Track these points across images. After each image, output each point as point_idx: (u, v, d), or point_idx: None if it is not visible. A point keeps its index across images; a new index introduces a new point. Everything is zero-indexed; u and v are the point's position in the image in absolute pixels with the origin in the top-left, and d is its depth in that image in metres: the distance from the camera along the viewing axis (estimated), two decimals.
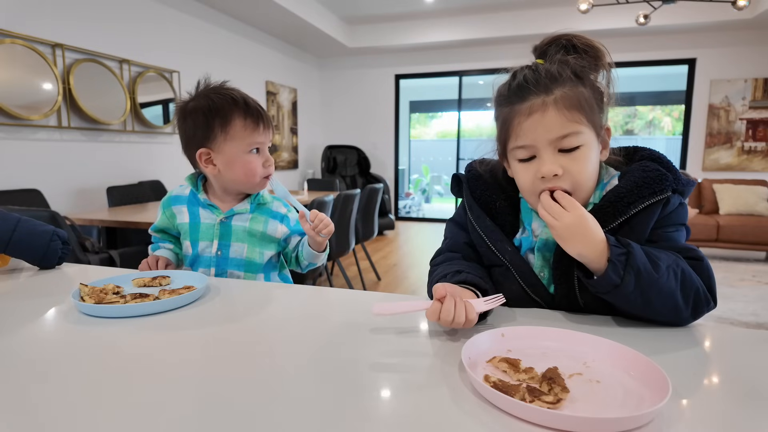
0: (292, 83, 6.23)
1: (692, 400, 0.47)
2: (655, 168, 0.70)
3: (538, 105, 0.69)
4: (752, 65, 5.34)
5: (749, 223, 4.39)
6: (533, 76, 0.70)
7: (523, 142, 0.71)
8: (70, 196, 3.24)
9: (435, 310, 0.63)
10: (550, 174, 0.69)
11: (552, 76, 0.69)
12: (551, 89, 0.68)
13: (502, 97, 0.74)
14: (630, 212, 0.69)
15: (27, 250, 1.00)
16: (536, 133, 0.69)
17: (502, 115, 0.74)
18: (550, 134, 0.68)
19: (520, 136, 0.71)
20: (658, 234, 0.71)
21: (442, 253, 0.87)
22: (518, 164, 0.74)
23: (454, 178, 0.89)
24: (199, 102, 1.04)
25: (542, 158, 0.70)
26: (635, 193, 0.69)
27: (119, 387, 0.51)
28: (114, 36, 3.50)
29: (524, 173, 0.73)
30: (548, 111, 0.68)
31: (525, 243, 0.79)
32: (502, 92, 0.74)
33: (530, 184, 0.72)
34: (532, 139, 0.70)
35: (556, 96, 0.68)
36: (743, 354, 0.59)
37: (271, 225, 1.12)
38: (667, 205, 0.71)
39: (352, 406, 0.46)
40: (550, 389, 0.48)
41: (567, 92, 0.68)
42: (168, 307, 0.76)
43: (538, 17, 5.46)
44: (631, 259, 0.62)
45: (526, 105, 0.69)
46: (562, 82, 0.69)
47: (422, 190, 10.01)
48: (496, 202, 0.81)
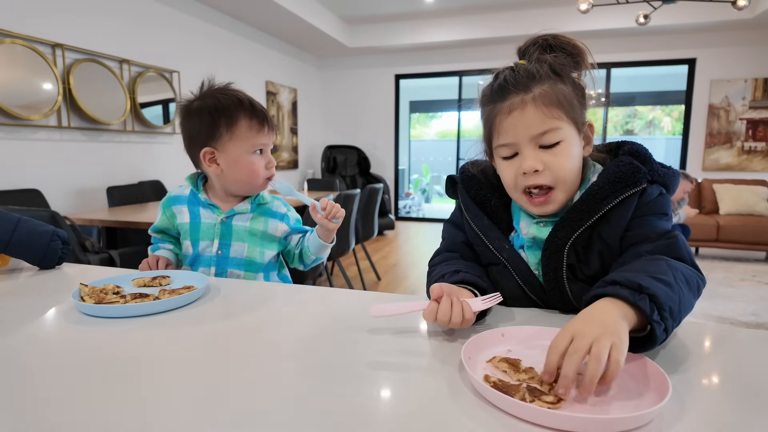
0: (292, 83, 6.23)
1: (692, 400, 0.47)
2: (628, 162, 0.71)
3: (518, 103, 0.70)
4: (752, 65, 5.33)
5: (749, 223, 4.39)
6: (512, 76, 0.72)
7: (505, 140, 0.72)
8: (70, 196, 3.24)
9: (432, 310, 0.63)
10: (531, 170, 0.70)
11: (530, 74, 0.71)
12: (530, 87, 0.70)
13: (485, 98, 0.76)
14: (603, 209, 0.70)
15: (27, 250, 1.00)
16: (517, 131, 0.71)
17: (485, 114, 0.76)
18: (530, 131, 0.70)
19: (502, 134, 0.72)
20: (637, 222, 0.71)
21: (440, 254, 0.87)
22: (502, 162, 0.75)
23: (448, 180, 0.90)
24: (205, 101, 1.04)
25: (523, 155, 0.71)
26: (607, 189, 0.70)
27: (119, 387, 0.51)
28: (114, 36, 3.49)
29: (508, 170, 0.74)
30: (527, 108, 0.70)
31: (516, 242, 0.80)
32: (485, 93, 0.76)
33: (513, 181, 0.74)
34: (514, 137, 0.71)
35: (534, 93, 0.70)
36: (743, 354, 0.59)
37: (271, 224, 1.12)
38: (644, 195, 0.71)
39: (352, 406, 0.46)
40: (551, 389, 0.48)
41: (545, 89, 0.70)
42: (168, 307, 0.76)
43: (538, 17, 5.46)
44: (662, 312, 0.54)
45: (507, 103, 0.71)
46: (540, 79, 0.70)
47: (422, 190, 10.02)
48: (490, 201, 0.83)
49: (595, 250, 0.72)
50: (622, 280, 0.56)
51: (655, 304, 0.53)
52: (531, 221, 0.78)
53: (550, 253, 0.73)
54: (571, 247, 0.72)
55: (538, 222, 0.77)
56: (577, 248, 0.72)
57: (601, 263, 0.72)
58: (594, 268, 0.73)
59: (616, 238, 0.71)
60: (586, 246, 0.73)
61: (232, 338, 0.65)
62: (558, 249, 0.73)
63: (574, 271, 0.73)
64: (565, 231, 0.72)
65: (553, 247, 0.73)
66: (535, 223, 0.77)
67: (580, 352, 0.47)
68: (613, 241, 0.71)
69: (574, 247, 0.72)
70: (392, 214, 6.74)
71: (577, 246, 0.72)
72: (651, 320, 0.52)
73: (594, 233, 0.72)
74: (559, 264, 0.73)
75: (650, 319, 0.52)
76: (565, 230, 0.72)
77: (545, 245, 0.74)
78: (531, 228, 0.77)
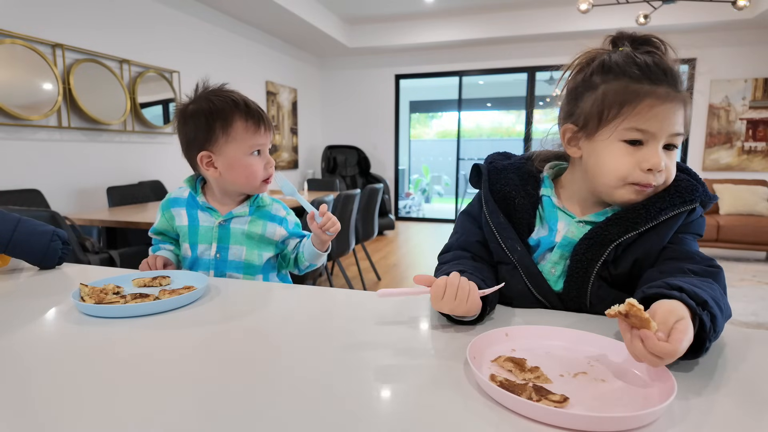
0: (292, 83, 6.23)
1: (695, 400, 0.47)
2: (686, 178, 0.73)
3: (674, 96, 0.68)
4: (752, 65, 5.34)
5: (749, 223, 4.39)
6: (665, 64, 0.69)
7: (647, 126, 0.67)
8: (70, 196, 3.24)
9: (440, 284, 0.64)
10: (659, 167, 0.68)
11: (678, 75, 0.69)
12: (680, 86, 0.69)
13: (617, 69, 0.69)
14: (661, 218, 0.70)
15: (27, 250, 0.99)
16: (664, 123, 0.67)
17: (618, 87, 0.69)
18: (673, 128, 0.68)
19: (647, 118, 0.67)
20: (678, 238, 0.72)
21: (451, 250, 0.86)
22: (621, 145, 0.69)
23: (474, 168, 0.88)
24: (199, 105, 1.03)
25: (653, 149, 0.68)
26: (667, 200, 0.71)
27: (119, 387, 0.50)
28: (114, 36, 3.49)
29: (624, 158, 0.69)
30: (680, 106, 0.68)
31: (544, 242, 0.78)
32: (616, 62, 0.69)
33: (627, 171, 0.69)
34: (658, 127, 0.67)
35: (686, 95, 0.69)
36: (743, 354, 0.59)
37: (269, 228, 1.11)
38: (692, 214, 0.73)
39: (355, 407, 0.46)
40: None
41: (688, 96, 0.70)
42: (168, 307, 0.75)
43: (538, 17, 5.46)
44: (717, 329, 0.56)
45: (662, 90, 0.67)
46: (683, 84, 0.70)
47: (422, 190, 10.02)
48: (515, 198, 0.81)
49: (632, 255, 0.72)
50: (688, 290, 0.56)
51: (712, 324, 0.54)
52: (571, 221, 0.78)
53: (591, 245, 0.72)
54: (617, 246, 0.72)
55: (579, 222, 0.77)
56: (618, 249, 0.72)
57: (631, 268, 0.73)
58: (622, 271, 0.73)
59: (656, 248, 0.72)
60: (626, 249, 0.73)
61: (232, 338, 0.65)
62: (604, 243, 0.72)
63: (606, 268, 0.73)
64: (618, 228, 0.72)
65: (600, 240, 0.72)
66: (576, 222, 0.77)
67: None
68: (654, 250, 0.72)
69: (618, 246, 0.72)
70: (392, 214, 6.74)
71: (621, 246, 0.72)
72: (708, 336, 0.53)
73: (640, 239, 0.72)
74: (596, 258, 0.72)
75: (708, 335, 0.53)
76: (619, 227, 0.72)
77: (588, 234, 0.73)
78: (571, 227, 0.77)
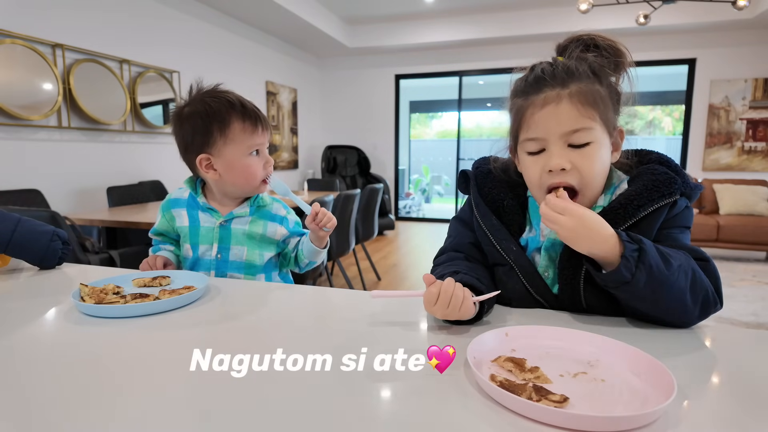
0: (292, 83, 6.22)
1: (695, 400, 0.47)
2: (663, 171, 0.71)
3: (553, 97, 0.68)
4: (752, 65, 5.33)
5: (749, 223, 4.39)
6: (550, 69, 0.70)
7: (534, 134, 0.70)
8: (70, 196, 3.24)
9: (432, 291, 0.64)
10: (558, 167, 0.68)
11: (569, 70, 0.69)
12: (567, 83, 0.68)
13: (517, 90, 0.74)
14: (639, 215, 0.69)
15: (27, 250, 0.99)
16: (548, 125, 0.69)
17: (516, 106, 0.74)
18: (562, 127, 0.68)
19: (532, 127, 0.71)
20: (664, 234, 0.71)
21: (445, 252, 0.86)
22: (527, 157, 0.73)
23: (461, 174, 0.88)
24: (195, 107, 1.02)
25: (551, 151, 0.70)
26: (645, 196, 0.70)
27: (119, 387, 0.50)
28: (114, 36, 3.49)
29: (533, 167, 0.72)
30: (562, 104, 0.68)
31: (532, 243, 0.78)
32: (518, 85, 0.74)
33: (538, 178, 0.72)
34: (544, 132, 0.69)
35: (571, 90, 0.68)
36: (743, 354, 0.59)
37: (270, 227, 1.11)
38: (674, 208, 0.71)
39: (355, 407, 0.46)
40: None
41: (582, 87, 0.68)
42: (168, 307, 0.75)
43: (538, 17, 5.46)
44: (644, 255, 0.61)
45: (541, 96, 0.69)
46: (579, 77, 0.69)
47: (422, 190, 10.01)
48: (503, 200, 0.81)
49: None
50: (633, 235, 0.63)
51: (639, 254, 0.60)
52: None
53: (573, 252, 0.71)
54: None
55: None
56: None
57: None
58: None
59: None
60: None
61: (232, 338, 0.65)
62: None
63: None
64: None
65: None
66: None
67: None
68: None
69: None
70: (392, 214, 6.74)
71: None
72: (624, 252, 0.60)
73: None
74: (580, 263, 0.71)
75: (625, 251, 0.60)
76: None
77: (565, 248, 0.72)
78: None
